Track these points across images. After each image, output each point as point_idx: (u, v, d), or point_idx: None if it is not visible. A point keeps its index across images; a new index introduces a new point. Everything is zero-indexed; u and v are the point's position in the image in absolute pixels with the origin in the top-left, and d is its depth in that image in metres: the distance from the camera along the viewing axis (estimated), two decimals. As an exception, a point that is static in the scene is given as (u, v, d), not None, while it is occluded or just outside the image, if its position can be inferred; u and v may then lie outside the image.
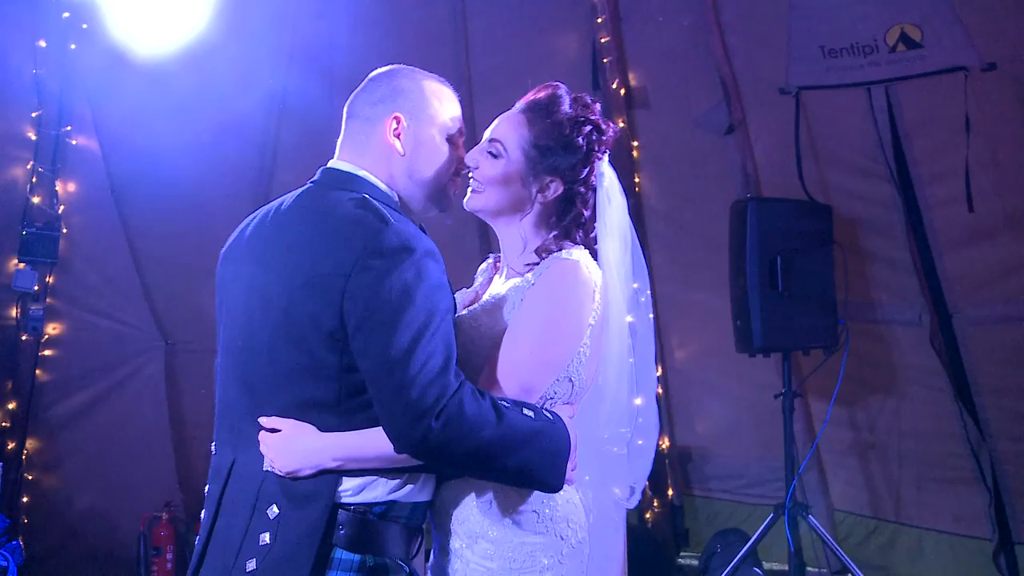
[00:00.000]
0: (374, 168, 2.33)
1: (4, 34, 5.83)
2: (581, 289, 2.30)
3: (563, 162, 2.41)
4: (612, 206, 2.47)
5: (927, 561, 6.32)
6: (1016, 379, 5.99)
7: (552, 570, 2.26)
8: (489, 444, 2.08)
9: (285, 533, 2.13)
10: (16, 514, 6.06)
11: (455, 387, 2.06)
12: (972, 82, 5.70)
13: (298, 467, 2.13)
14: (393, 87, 2.39)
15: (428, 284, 2.11)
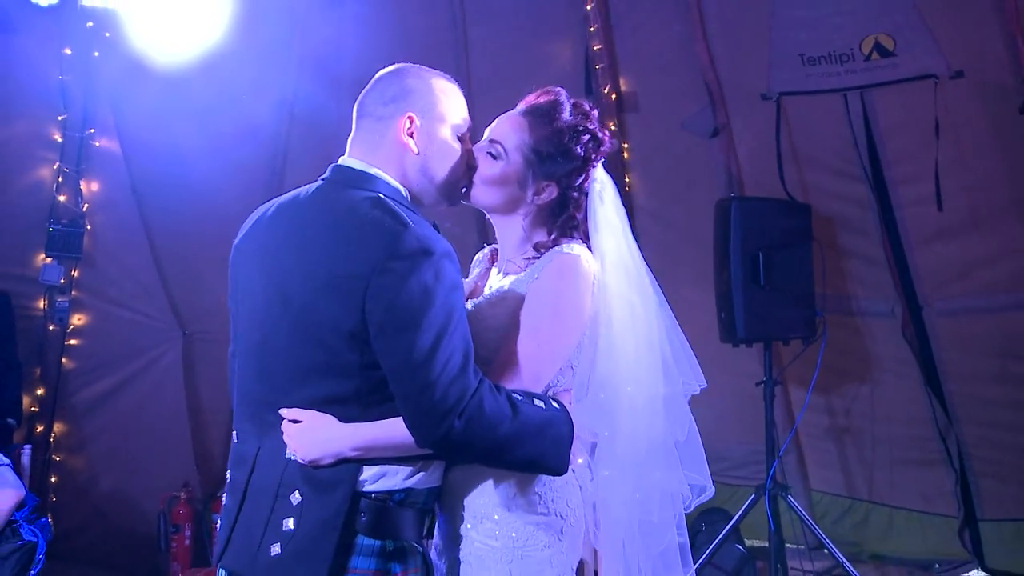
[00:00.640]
0: (387, 166, 2.29)
1: (32, 43, 5.81)
2: (582, 282, 2.30)
3: (560, 169, 2.40)
4: (605, 205, 2.45)
5: (898, 538, 6.37)
6: (981, 367, 6.07)
7: (551, 547, 2.26)
8: (506, 438, 2.08)
9: (308, 519, 2.11)
10: (45, 493, 6.10)
11: (475, 386, 2.06)
12: (941, 89, 5.69)
13: (319, 456, 2.11)
14: (404, 86, 2.34)
15: (446, 285, 2.10)
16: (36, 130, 6.12)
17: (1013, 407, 5.97)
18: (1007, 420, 6.00)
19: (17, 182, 6.16)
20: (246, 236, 2.28)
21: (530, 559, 2.23)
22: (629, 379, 2.35)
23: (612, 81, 6.67)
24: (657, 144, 6.77)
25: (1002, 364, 5.98)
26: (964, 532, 6.11)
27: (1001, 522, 6.03)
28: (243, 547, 2.13)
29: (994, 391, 6.02)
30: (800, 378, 6.17)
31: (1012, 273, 5.89)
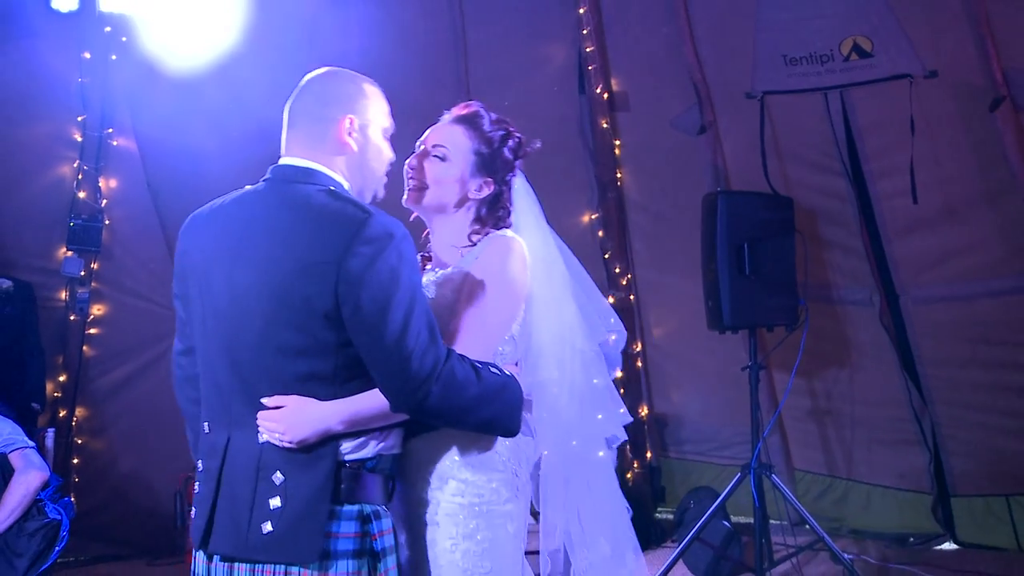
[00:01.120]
0: (328, 163, 2.32)
1: (53, 47, 5.88)
2: (519, 259, 2.41)
3: (497, 166, 2.54)
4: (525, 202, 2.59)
5: (875, 513, 6.41)
6: (953, 352, 6.12)
7: (512, 502, 2.34)
8: (473, 400, 2.17)
9: (296, 495, 2.13)
10: (68, 474, 6.18)
11: (445, 354, 2.14)
12: (916, 88, 5.78)
13: (307, 435, 2.13)
14: (343, 90, 2.39)
15: (409, 265, 2.16)
16: (57, 130, 6.22)
17: (983, 390, 6.01)
18: (978, 402, 6.04)
19: (39, 179, 6.24)
20: (191, 241, 2.29)
21: (494, 513, 2.30)
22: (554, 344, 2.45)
23: (604, 81, 6.70)
24: (647, 141, 6.80)
25: (973, 349, 6.02)
26: (937, 508, 6.17)
27: (971, 497, 6.09)
28: (229, 530, 2.14)
29: (966, 375, 6.06)
30: (783, 363, 6.09)
31: (983, 263, 5.93)
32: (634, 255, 7.06)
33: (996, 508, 6.03)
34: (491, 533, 2.30)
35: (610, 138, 6.81)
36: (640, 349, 7.12)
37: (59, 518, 4.48)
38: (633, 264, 7.07)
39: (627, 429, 7.33)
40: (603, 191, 6.91)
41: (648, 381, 7.19)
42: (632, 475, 6.97)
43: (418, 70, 6.59)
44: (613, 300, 6.99)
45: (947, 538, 6.17)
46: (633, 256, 7.07)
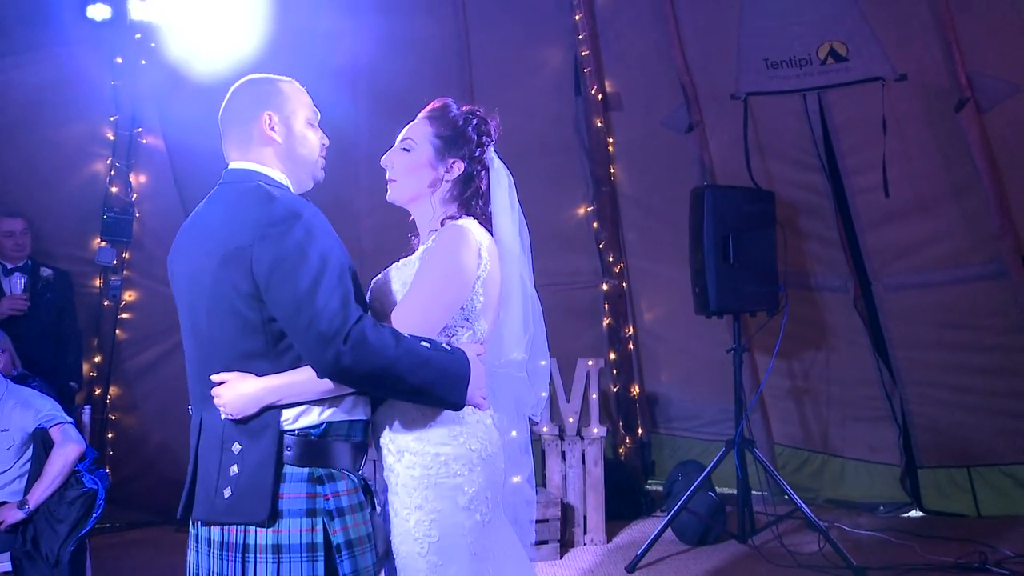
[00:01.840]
0: (260, 159, 2.37)
1: (88, 53, 5.91)
2: (465, 247, 2.36)
3: (462, 146, 2.51)
4: (501, 187, 2.55)
5: (848, 484, 6.50)
6: (921, 335, 6.21)
7: (463, 476, 2.29)
8: (392, 363, 2.12)
9: (248, 462, 2.19)
10: (103, 447, 6.25)
11: (356, 317, 2.13)
12: (888, 90, 5.88)
13: (245, 408, 2.19)
14: (259, 91, 2.44)
15: (318, 239, 2.18)
16: (91, 130, 6.26)
17: (949, 370, 6.11)
18: (943, 381, 6.14)
19: (75, 176, 6.27)
20: (174, 246, 2.37)
21: (443, 485, 2.27)
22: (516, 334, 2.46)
23: (598, 82, 6.74)
24: (639, 139, 6.83)
25: (940, 333, 6.11)
26: (905, 479, 6.26)
27: (936, 469, 6.19)
28: (203, 498, 2.22)
29: (933, 356, 6.16)
30: (765, 345, 6.32)
31: (948, 253, 6.02)
32: (626, 245, 7.10)
33: (958, 479, 6.13)
34: (440, 504, 2.27)
35: (604, 136, 6.84)
36: (632, 333, 7.15)
37: (96, 488, 4.45)
38: (626, 254, 7.11)
39: (621, 406, 7.28)
40: (597, 185, 6.92)
41: (639, 362, 7.20)
42: (624, 450, 7.10)
43: (425, 73, 6.62)
44: (607, 287, 7.12)
45: (914, 506, 6.24)
46: (626, 246, 7.10)
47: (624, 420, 7.13)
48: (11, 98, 5.82)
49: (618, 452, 7.02)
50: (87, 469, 4.46)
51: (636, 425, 7.14)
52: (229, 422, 2.20)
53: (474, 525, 2.28)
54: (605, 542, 5.79)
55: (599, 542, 5.77)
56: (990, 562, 5.11)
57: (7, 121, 5.85)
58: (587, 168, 6.95)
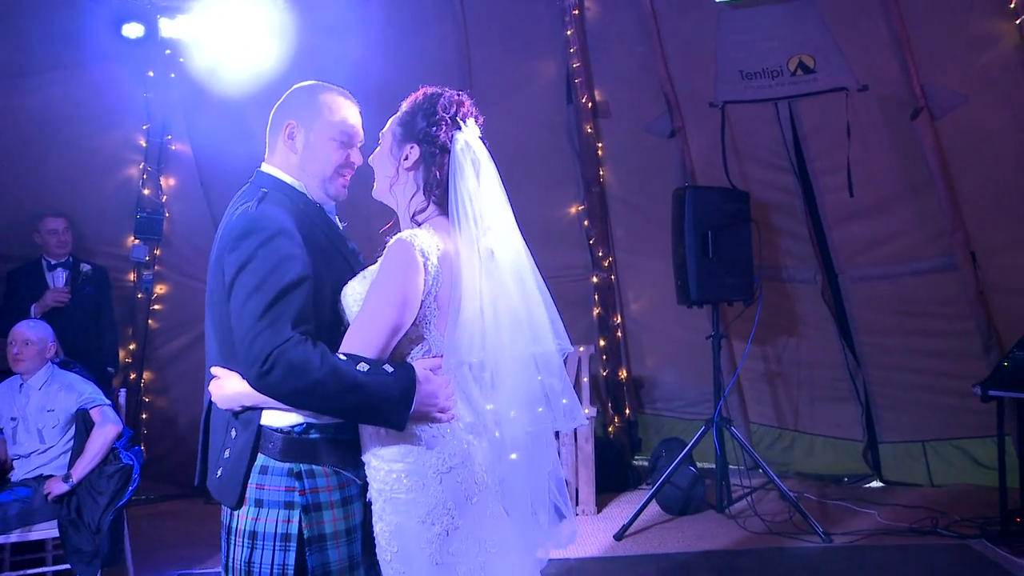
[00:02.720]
0: (281, 164, 2.31)
1: (123, 68, 5.95)
2: (406, 265, 2.10)
3: (419, 127, 2.22)
4: (466, 172, 2.21)
5: (816, 458, 6.58)
6: (882, 322, 6.26)
7: (416, 491, 2.11)
8: (313, 385, 2.01)
9: (235, 448, 2.18)
10: (138, 427, 6.38)
11: (284, 339, 2.01)
12: (851, 99, 5.90)
13: (230, 405, 2.17)
14: (292, 100, 2.35)
15: (270, 257, 2.08)
16: (125, 137, 6.30)
17: (907, 353, 6.19)
18: (902, 364, 6.22)
19: (111, 179, 6.32)
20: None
21: (397, 500, 2.12)
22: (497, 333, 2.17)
23: (588, 92, 6.72)
24: (626, 143, 6.83)
25: (899, 320, 6.18)
26: (867, 452, 6.37)
27: (895, 443, 6.30)
28: (210, 472, 2.24)
29: (892, 341, 6.22)
30: (741, 332, 6.38)
31: (906, 247, 6.09)
32: (615, 241, 7.09)
33: (914, 452, 6.24)
34: (396, 518, 2.13)
35: (594, 141, 6.83)
36: (620, 321, 7.15)
37: (131, 463, 4.55)
38: (614, 249, 7.10)
39: (610, 389, 7.30)
40: (588, 186, 6.92)
41: (627, 349, 7.20)
42: (613, 428, 7.06)
43: (428, 83, 6.63)
44: (597, 280, 7.07)
45: (875, 477, 6.33)
46: (614, 242, 7.09)
47: (613, 401, 7.16)
48: (55, 109, 5.81)
49: (607, 431, 7.03)
50: (124, 447, 4.57)
51: (624, 406, 7.16)
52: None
53: (434, 536, 2.11)
54: (595, 512, 5.83)
55: (590, 513, 5.82)
56: (940, 526, 5.24)
57: (51, 130, 5.85)
58: (578, 170, 6.93)
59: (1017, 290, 5.80)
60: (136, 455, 4.64)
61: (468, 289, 2.14)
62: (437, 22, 6.57)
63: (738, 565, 4.85)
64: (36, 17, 5.35)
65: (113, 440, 4.48)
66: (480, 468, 2.16)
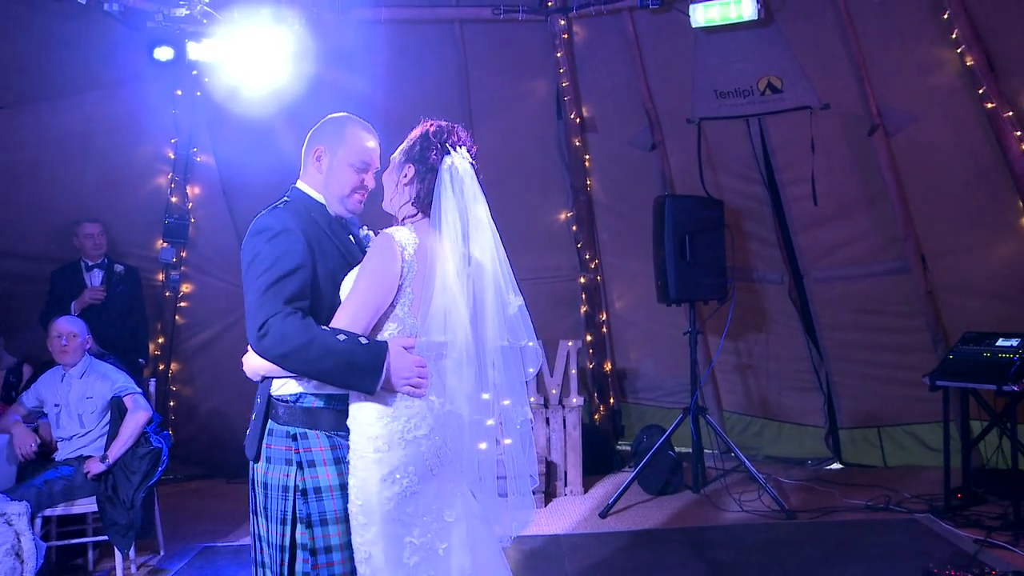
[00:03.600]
0: (310, 181, 2.49)
1: (154, 87, 5.99)
2: (386, 254, 2.28)
3: (415, 151, 2.40)
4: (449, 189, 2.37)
5: (783, 443, 6.65)
6: (842, 319, 6.35)
7: (381, 452, 2.24)
8: (297, 350, 2.19)
9: (256, 412, 2.41)
10: (166, 413, 6.45)
11: (275, 311, 2.22)
12: (815, 117, 5.96)
13: (253, 376, 2.40)
14: (325, 128, 2.52)
15: (274, 250, 2.28)
16: (156, 150, 6.37)
17: (864, 348, 6.27)
18: (860, 357, 6.30)
19: (143, 188, 6.40)
20: None
21: (366, 459, 2.25)
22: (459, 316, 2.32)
23: (576, 108, 6.74)
24: (610, 156, 6.86)
25: (857, 317, 6.27)
26: (828, 437, 6.47)
27: (853, 429, 6.41)
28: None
29: (851, 337, 6.32)
30: (716, 329, 6.42)
31: (864, 251, 6.17)
32: (601, 245, 7.11)
33: (870, 437, 6.33)
34: (364, 474, 2.26)
35: (581, 153, 6.85)
36: (605, 318, 7.17)
37: (161, 446, 4.61)
38: (600, 252, 7.12)
39: (596, 380, 7.29)
40: (576, 195, 6.94)
41: (611, 343, 7.23)
42: (598, 416, 7.10)
43: (431, 101, 6.48)
44: (584, 280, 7.06)
45: (835, 460, 6.41)
46: (600, 245, 7.11)
47: (598, 391, 7.19)
48: (93, 125, 5.85)
49: (593, 418, 7.06)
50: (154, 431, 4.66)
51: (608, 395, 7.19)
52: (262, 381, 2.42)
53: (393, 495, 2.23)
54: (582, 493, 5.88)
55: (577, 493, 5.87)
56: (892, 503, 5.33)
57: (89, 144, 5.90)
58: (567, 180, 6.94)
59: (962, 290, 5.87)
60: (165, 439, 4.72)
61: (441, 282, 2.30)
62: (438, 45, 6.59)
63: (712, 540, 4.89)
64: (77, 43, 5.38)
65: (144, 425, 4.55)
66: (446, 445, 2.30)
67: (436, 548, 2.26)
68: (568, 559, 4.65)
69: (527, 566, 4.58)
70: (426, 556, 2.25)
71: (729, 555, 4.64)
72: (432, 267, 2.32)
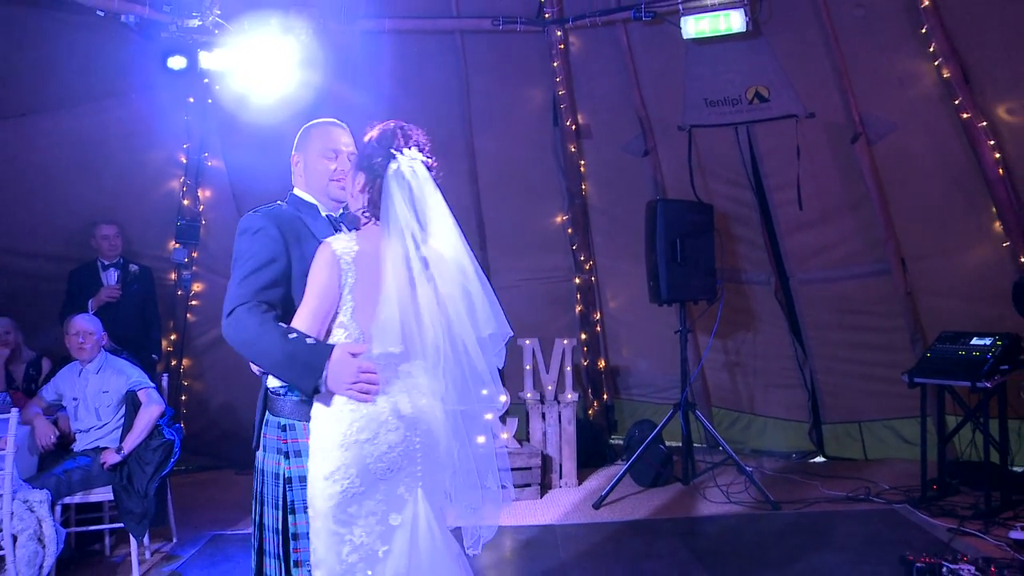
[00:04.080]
0: (299, 186, 2.58)
1: (167, 95, 6.02)
2: (325, 265, 2.26)
3: (363, 158, 2.37)
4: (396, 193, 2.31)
5: (769, 437, 6.69)
6: (826, 319, 6.42)
7: (324, 451, 2.23)
8: (249, 342, 2.26)
9: (258, 403, 2.48)
10: (178, 407, 6.50)
11: (241, 301, 2.30)
12: (800, 125, 6.02)
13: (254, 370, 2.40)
14: (299, 138, 2.62)
15: (251, 247, 2.37)
16: (169, 155, 6.40)
17: (846, 346, 6.32)
18: (843, 355, 6.35)
19: (156, 191, 6.44)
20: None
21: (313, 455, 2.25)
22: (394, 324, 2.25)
23: (572, 116, 6.78)
24: (605, 161, 6.89)
25: (840, 317, 6.32)
26: (812, 432, 6.52)
27: (836, 424, 6.45)
28: None
29: (835, 336, 6.37)
30: (705, 327, 6.48)
31: (846, 254, 6.22)
32: (595, 247, 7.12)
33: (852, 431, 6.38)
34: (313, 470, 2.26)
35: (577, 159, 6.87)
36: (599, 317, 7.19)
37: (173, 438, 4.63)
38: (594, 253, 7.14)
39: (590, 376, 7.25)
40: (571, 199, 6.96)
41: (605, 341, 7.25)
42: (593, 411, 7.12)
43: (434, 110, 6.64)
44: (579, 281, 7.07)
45: (818, 453, 6.47)
46: (594, 248, 7.12)
47: (592, 387, 7.21)
48: (109, 131, 5.89)
49: (587, 413, 7.07)
50: (166, 424, 4.67)
51: (602, 391, 7.21)
52: None
53: (335, 493, 2.20)
54: (576, 485, 5.90)
55: (572, 485, 5.90)
56: (872, 494, 5.38)
57: (106, 149, 5.93)
58: (563, 185, 6.96)
59: (939, 292, 5.93)
60: (177, 431, 4.74)
61: (389, 289, 2.24)
62: (440, 54, 6.63)
63: (700, 530, 4.91)
64: (95, 53, 5.41)
65: (157, 418, 4.57)
66: (394, 450, 2.23)
67: (377, 549, 2.22)
68: (563, 548, 4.67)
69: (523, 555, 4.61)
70: (365, 556, 2.21)
71: (717, 544, 4.68)
72: (377, 274, 2.27)
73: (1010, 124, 5.38)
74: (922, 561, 3.85)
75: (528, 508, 5.43)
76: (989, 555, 4.14)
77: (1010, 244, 5.57)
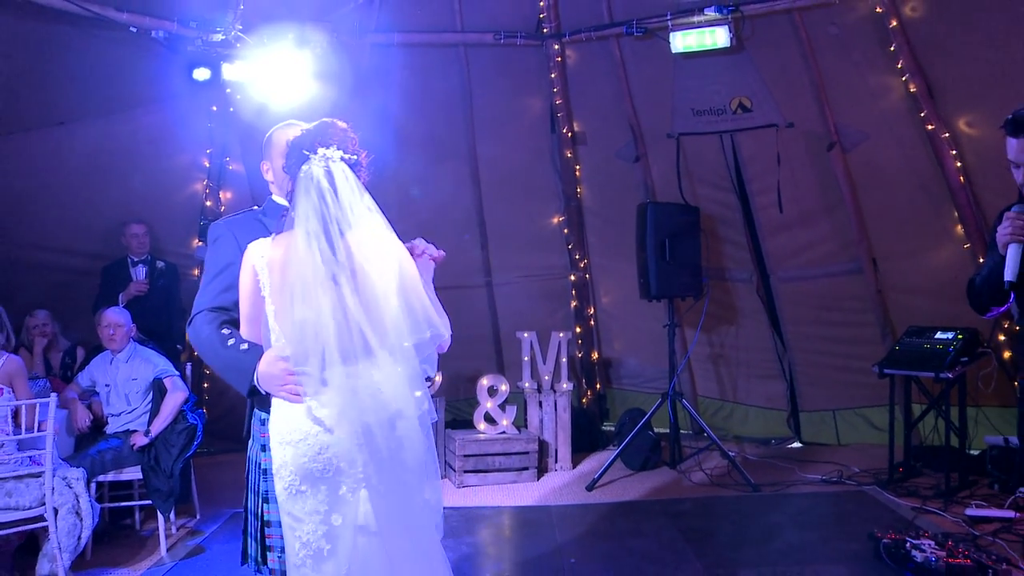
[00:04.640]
0: (274, 191, 2.54)
1: (192, 104, 6.05)
2: (245, 268, 2.18)
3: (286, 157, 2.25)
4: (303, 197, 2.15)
5: (750, 425, 6.74)
6: (805, 315, 6.44)
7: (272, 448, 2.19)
8: (199, 346, 2.33)
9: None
10: (200, 393, 6.49)
11: (202, 308, 2.33)
12: (780, 134, 6.06)
13: None
14: (264, 145, 2.57)
15: (211, 256, 2.38)
16: (192, 159, 6.45)
17: (822, 340, 6.38)
18: (820, 349, 6.40)
19: (181, 193, 6.49)
20: None
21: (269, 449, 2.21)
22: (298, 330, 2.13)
23: (568, 123, 6.84)
24: (599, 166, 6.92)
25: (818, 313, 6.38)
26: (790, 419, 6.58)
27: (812, 412, 6.50)
28: None
29: (812, 330, 6.43)
30: (691, 322, 6.56)
31: (823, 254, 6.27)
32: (589, 246, 7.16)
33: (826, 418, 6.44)
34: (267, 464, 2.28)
35: (572, 164, 6.92)
36: (593, 312, 7.23)
37: (196, 423, 4.66)
38: (588, 252, 7.18)
39: (584, 367, 7.27)
40: (568, 201, 7.01)
41: (598, 334, 7.28)
42: (586, 400, 7.17)
43: (439, 117, 6.70)
44: (574, 278, 7.11)
45: (796, 439, 6.51)
46: (588, 247, 7.16)
47: (586, 378, 7.25)
48: (139, 137, 5.94)
49: (581, 402, 7.10)
50: (190, 409, 4.72)
51: (595, 381, 7.25)
52: None
53: (282, 490, 2.15)
54: (571, 468, 5.95)
55: (566, 468, 5.94)
56: (844, 477, 5.46)
57: (136, 154, 5.98)
58: (560, 188, 6.98)
59: (907, 289, 5.98)
60: (199, 416, 4.79)
61: (301, 291, 2.11)
62: (445, 66, 6.67)
63: (686, 510, 4.93)
64: (126, 65, 5.47)
65: (182, 404, 4.63)
66: (327, 451, 2.12)
67: (322, 548, 2.14)
68: (558, 527, 4.71)
69: (521, 533, 4.65)
70: (312, 553, 2.14)
71: (701, 523, 4.72)
72: (287, 277, 2.14)
73: (970, 136, 5.46)
74: (888, 537, 3.92)
75: (525, 489, 5.49)
76: (948, 531, 4.24)
77: (970, 246, 5.63)
